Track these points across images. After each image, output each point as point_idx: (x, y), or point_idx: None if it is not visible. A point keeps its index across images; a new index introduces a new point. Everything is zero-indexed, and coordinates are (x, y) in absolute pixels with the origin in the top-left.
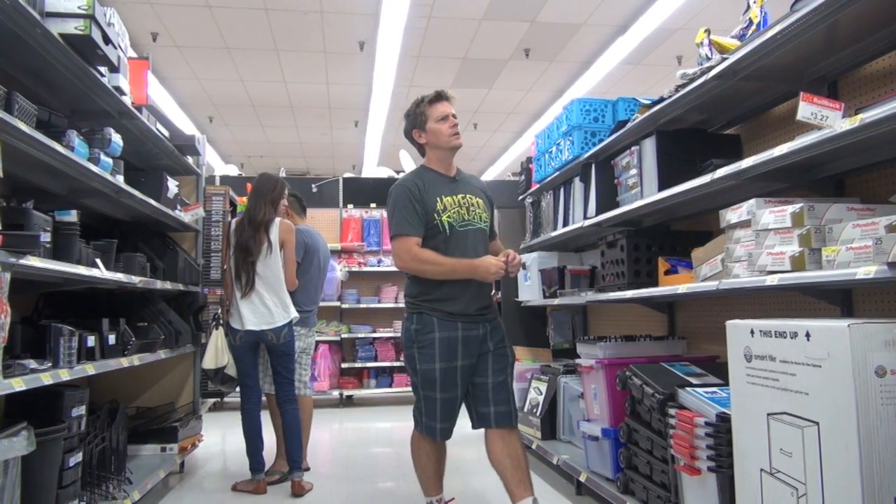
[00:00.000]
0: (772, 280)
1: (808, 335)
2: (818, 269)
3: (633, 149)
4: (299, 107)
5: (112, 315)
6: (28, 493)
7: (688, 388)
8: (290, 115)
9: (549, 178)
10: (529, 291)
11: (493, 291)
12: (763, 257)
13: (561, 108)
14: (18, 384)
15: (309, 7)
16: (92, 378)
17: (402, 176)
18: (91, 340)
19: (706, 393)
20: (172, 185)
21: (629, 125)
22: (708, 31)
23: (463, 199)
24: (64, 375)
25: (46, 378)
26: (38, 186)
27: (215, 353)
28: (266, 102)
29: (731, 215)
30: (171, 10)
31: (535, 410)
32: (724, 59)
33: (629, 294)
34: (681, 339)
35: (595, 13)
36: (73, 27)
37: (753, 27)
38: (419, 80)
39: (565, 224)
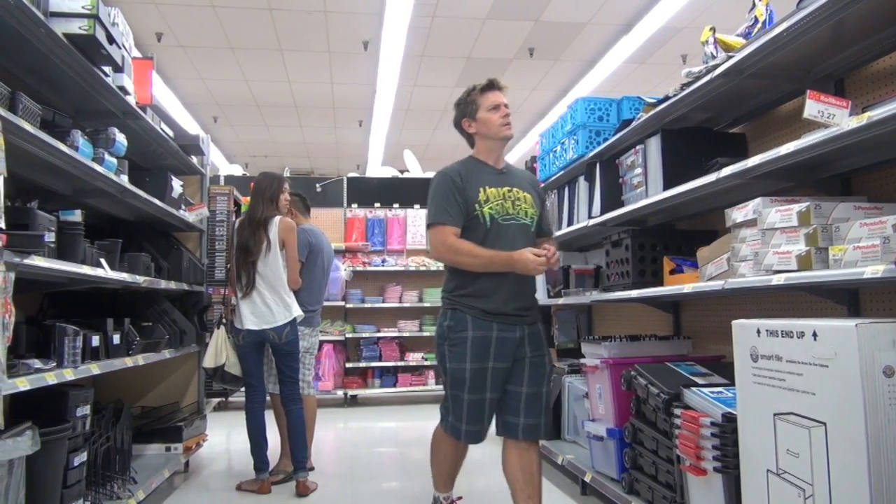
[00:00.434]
0: (778, 279)
1: (815, 335)
2: (825, 269)
3: (637, 148)
4: (303, 106)
5: (117, 315)
6: (33, 493)
7: (693, 388)
8: (294, 115)
9: (553, 178)
10: None
11: (535, 292)
12: (769, 256)
13: (565, 107)
14: (23, 384)
15: (313, 7)
16: (97, 378)
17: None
18: (95, 340)
19: (712, 393)
20: (177, 185)
21: (634, 124)
22: (713, 30)
23: (509, 192)
24: (68, 375)
25: (51, 378)
26: (43, 186)
27: (215, 352)
28: (270, 102)
29: (737, 214)
30: (175, 11)
31: None
32: (730, 57)
33: (634, 294)
34: (686, 339)
35: (599, 12)
36: (77, 27)
37: (759, 25)
38: (423, 80)
39: (570, 223)
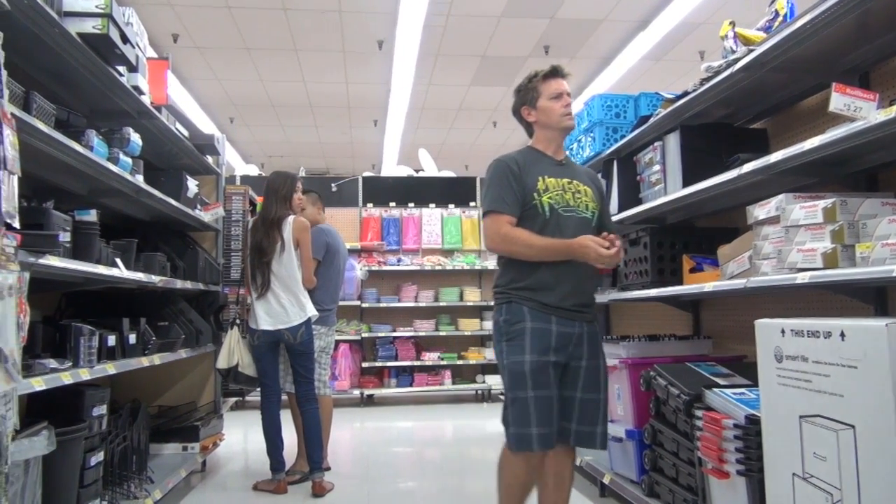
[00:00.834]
0: (802, 278)
1: (842, 335)
2: (852, 267)
3: (656, 144)
4: (319, 106)
5: (133, 315)
6: (49, 493)
7: (715, 389)
8: (309, 115)
9: None
10: None
11: (597, 289)
12: (793, 254)
13: (581, 104)
14: (38, 384)
15: (327, 6)
16: (114, 377)
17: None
18: (111, 340)
19: (734, 394)
20: (192, 185)
21: (652, 120)
22: (733, 24)
23: (569, 183)
24: (84, 375)
25: (66, 377)
26: (60, 186)
27: (228, 353)
28: (286, 102)
29: (759, 211)
30: (191, 12)
31: None
32: (751, 51)
33: (653, 293)
34: (706, 339)
35: (615, 9)
36: (90, 26)
37: (780, 18)
38: (438, 79)
39: None
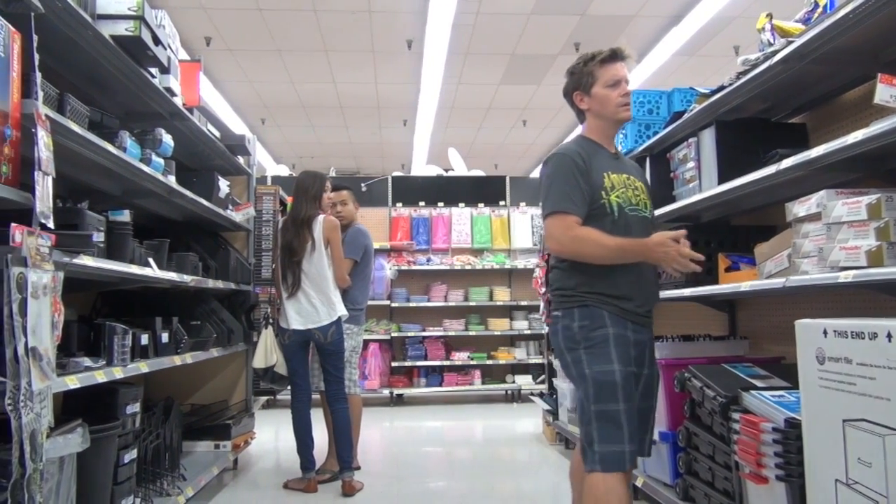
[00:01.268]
0: (846, 277)
1: (889, 336)
2: None
3: (690, 140)
4: (348, 107)
5: (166, 314)
6: (84, 489)
7: (752, 391)
8: (339, 116)
9: None
10: None
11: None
12: (835, 252)
13: None
14: (73, 382)
15: (357, 7)
16: (148, 376)
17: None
18: (145, 339)
19: (773, 396)
20: (223, 185)
21: (686, 116)
22: (770, 16)
23: (628, 179)
24: (117, 373)
25: (100, 376)
26: (94, 187)
27: (265, 353)
28: (316, 103)
29: (799, 208)
30: (223, 14)
31: None
32: (791, 42)
33: (687, 292)
34: (743, 339)
35: (647, 4)
36: (123, 28)
37: (819, 10)
38: (467, 78)
39: None
